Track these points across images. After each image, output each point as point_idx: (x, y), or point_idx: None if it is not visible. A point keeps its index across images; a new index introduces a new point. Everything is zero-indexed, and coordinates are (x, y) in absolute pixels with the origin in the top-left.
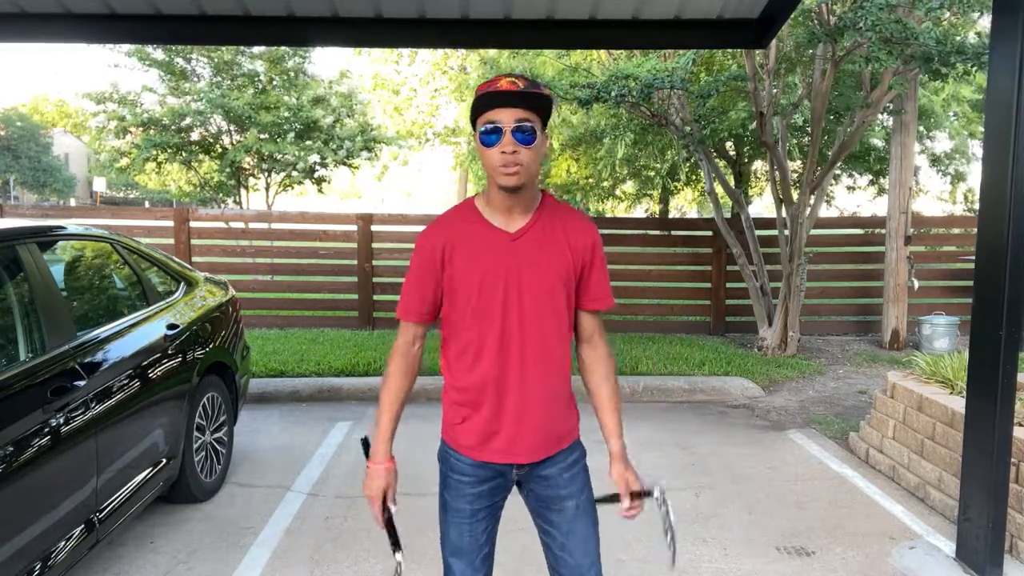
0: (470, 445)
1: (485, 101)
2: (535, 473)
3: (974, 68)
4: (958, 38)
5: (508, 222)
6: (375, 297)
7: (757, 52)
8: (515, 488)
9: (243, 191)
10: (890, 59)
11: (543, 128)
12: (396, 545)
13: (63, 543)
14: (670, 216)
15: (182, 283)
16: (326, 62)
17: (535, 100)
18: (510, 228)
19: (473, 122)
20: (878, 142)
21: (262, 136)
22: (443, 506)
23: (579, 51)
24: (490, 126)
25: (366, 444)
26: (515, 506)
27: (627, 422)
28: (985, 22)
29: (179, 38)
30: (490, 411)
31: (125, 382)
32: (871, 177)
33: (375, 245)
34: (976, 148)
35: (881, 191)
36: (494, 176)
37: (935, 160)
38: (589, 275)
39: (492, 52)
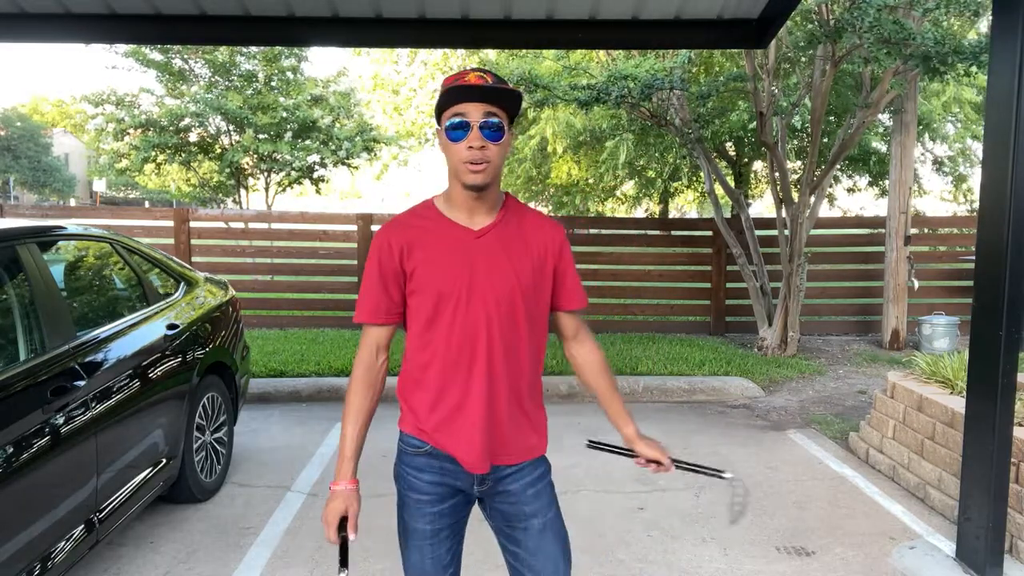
0: (435, 425)
1: (452, 95)
2: (498, 489)
3: (973, 68)
4: (957, 38)
5: (471, 221)
6: None
7: (757, 52)
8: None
9: (243, 191)
10: (888, 59)
11: (510, 125)
12: (344, 564)
13: (63, 543)
14: (670, 216)
15: (182, 283)
16: (325, 61)
17: (503, 96)
18: (473, 226)
19: (439, 116)
20: (878, 145)
21: (260, 136)
22: (402, 529)
23: (578, 51)
24: (457, 120)
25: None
26: None
27: None
28: (984, 24)
29: (179, 38)
30: (454, 403)
31: (125, 382)
32: (870, 179)
33: None
34: (979, 149)
35: (883, 193)
36: (459, 174)
37: (939, 163)
38: (564, 276)
39: (491, 53)
